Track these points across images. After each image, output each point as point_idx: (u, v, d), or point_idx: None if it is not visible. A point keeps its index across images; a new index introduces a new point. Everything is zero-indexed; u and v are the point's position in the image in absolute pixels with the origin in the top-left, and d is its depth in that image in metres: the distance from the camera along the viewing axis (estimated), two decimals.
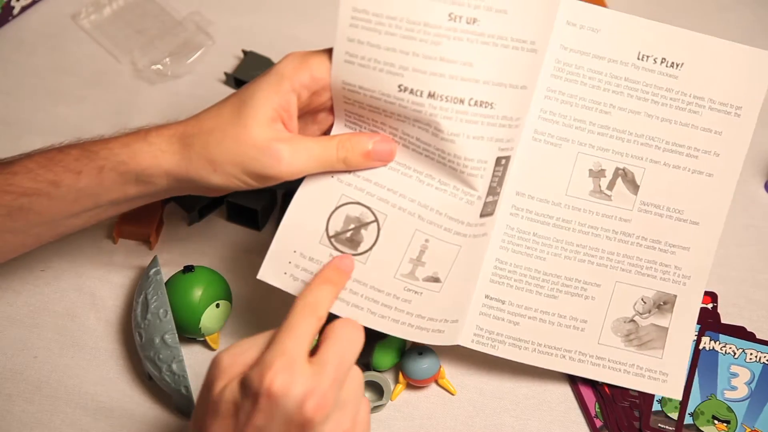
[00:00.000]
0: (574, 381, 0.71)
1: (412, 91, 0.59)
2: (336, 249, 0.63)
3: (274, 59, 0.87)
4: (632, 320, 0.69)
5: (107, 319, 0.73)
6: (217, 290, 0.70)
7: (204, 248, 0.77)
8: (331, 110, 0.63)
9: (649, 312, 0.69)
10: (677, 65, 0.66)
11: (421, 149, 0.62)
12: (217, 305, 0.69)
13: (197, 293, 0.69)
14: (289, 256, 0.63)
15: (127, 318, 0.73)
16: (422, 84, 0.59)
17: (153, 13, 0.92)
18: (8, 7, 0.90)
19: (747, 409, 0.70)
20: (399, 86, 0.59)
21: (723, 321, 0.74)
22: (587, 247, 0.68)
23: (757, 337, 0.73)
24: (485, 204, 0.64)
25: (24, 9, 0.92)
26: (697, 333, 0.72)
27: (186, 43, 0.90)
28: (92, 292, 0.74)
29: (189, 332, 0.70)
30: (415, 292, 0.63)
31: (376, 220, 0.63)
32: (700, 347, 0.72)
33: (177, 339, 0.66)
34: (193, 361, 0.70)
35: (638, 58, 0.66)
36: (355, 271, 0.62)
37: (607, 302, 0.68)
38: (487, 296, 0.67)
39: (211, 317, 0.69)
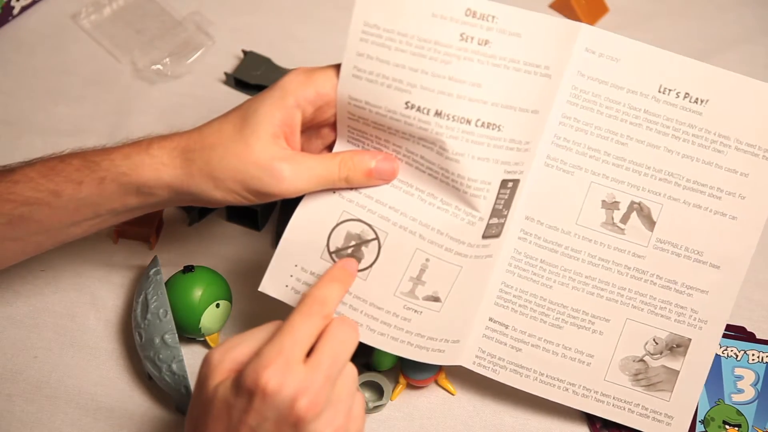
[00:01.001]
0: None
1: (419, 109, 0.59)
2: None
3: (274, 59, 0.87)
4: (642, 360, 0.67)
5: (107, 319, 0.73)
6: (217, 290, 0.70)
7: (204, 248, 0.77)
8: (334, 126, 0.62)
9: (661, 353, 0.66)
10: (701, 101, 0.64)
11: (424, 168, 0.61)
12: (217, 305, 0.69)
13: (197, 293, 0.69)
14: (291, 269, 0.63)
15: (127, 318, 0.73)
16: (430, 102, 0.58)
17: (153, 13, 0.92)
18: (8, 7, 0.90)
19: (756, 411, 0.70)
20: (406, 103, 0.59)
21: None
22: (597, 280, 0.66)
23: (757, 337, 0.74)
24: (488, 226, 0.63)
25: (24, 9, 0.92)
26: None
27: (186, 43, 0.90)
28: (92, 292, 0.74)
29: (189, 332, 0.70)
30: (415, 311, 0.63)
31: (377, 238, 0.62)
32: None
33: (177, 339, 0.66)
34: (193, 361, 0.70)
35: (659, 91, 0.64)
36: (355, 287, 0.62)
37: (616, 339, 0.67)
38: (491, 319, 0.67)
39: (211, 317, 0.69)
